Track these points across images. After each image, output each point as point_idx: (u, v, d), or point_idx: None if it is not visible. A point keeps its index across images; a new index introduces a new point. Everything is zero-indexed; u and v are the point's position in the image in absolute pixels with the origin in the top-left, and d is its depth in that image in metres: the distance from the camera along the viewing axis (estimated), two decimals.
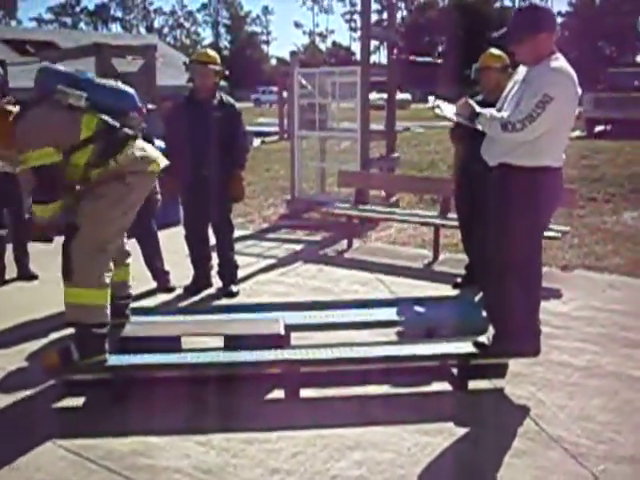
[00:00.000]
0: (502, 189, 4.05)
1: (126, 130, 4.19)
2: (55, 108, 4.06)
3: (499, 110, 4.17)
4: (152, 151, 4.36)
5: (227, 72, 6.31)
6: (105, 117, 4.13)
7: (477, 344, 4.35)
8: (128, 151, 4.15)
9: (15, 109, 4.18)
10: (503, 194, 4.04)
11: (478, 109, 4.11)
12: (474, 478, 3.40)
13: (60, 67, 4.40)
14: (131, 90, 4.40)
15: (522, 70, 4.18)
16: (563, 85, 3.88)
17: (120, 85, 4.41)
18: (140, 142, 4.30)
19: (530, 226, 4.05)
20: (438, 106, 4.36)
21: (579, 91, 3.99)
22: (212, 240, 6.45)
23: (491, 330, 4.43)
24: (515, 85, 4.16)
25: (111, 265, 4.28)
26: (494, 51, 6.15)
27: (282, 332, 4.58)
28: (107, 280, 4.20)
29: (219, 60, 6.13)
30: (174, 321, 4.96)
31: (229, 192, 6.13)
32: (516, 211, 3.97)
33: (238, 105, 6.30)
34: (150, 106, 4.71)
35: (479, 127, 4.10)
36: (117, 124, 4.15)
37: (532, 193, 3.96)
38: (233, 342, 4.51)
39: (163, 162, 4.37)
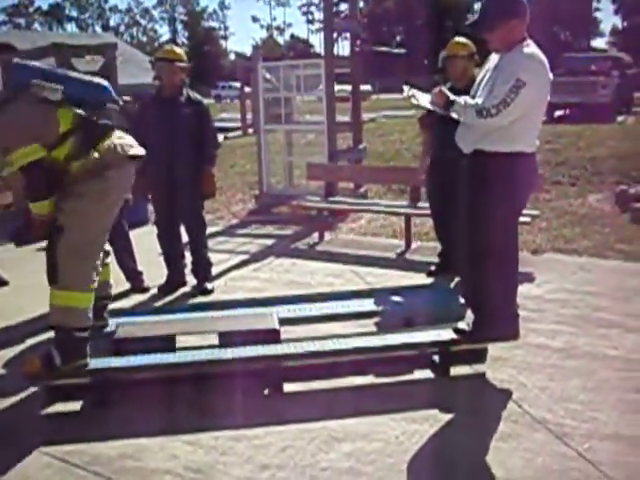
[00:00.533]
0: (477, 175, 4.09)
1: (105, 121, 4.14)
2: (31, 103, 3.98)
3: (473, 98, 4.19)
4: (130, 139, 4.30)
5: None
6: (80, 111, 4.07)
7: (457, 330, 4.39)
8: (108, 141, 4.11)
9: None
10: (478, 180, 4.07)
11: (452, 97, 4.13)
12: (463, 463, 3.43)
13: (34, 62, 4.33)
14: (106, 82, 4.34)
15: (494, 57, 4.20)
16: (535, 70, 3.91)
17: (95, 78, 4.35)
18: (118, 132, 4.25)
19: (506, 212, 4.09)
20: (413, 95, 4.34)
21: (551, 76, 4.02)
22: (184, 238, 6.42)
23: (469, 316, 4.47)
24: (487, 72, 4.19)
25: (99, 266, 4.23)
26: (460, 39, 6.19)
27: (277, 327, 4.58)
28: (94, 283, 4.16)
29: (185, 57, 6.09)
30: (167, 320, 4.93)
31: (200, 189, 6.10)
32: (491, 197, 4.01)
33: (205, 101, 6.27)
34: (125, 98, 4.64)
35: (454, 115, 4.12)
36: (94, 116, 4.10)
37: (507, 179, 3.99)
38: (228, 339, 4.49)
39: (142, 150, 4.31)
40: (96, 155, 4.05)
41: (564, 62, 21.08)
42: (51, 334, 4.90)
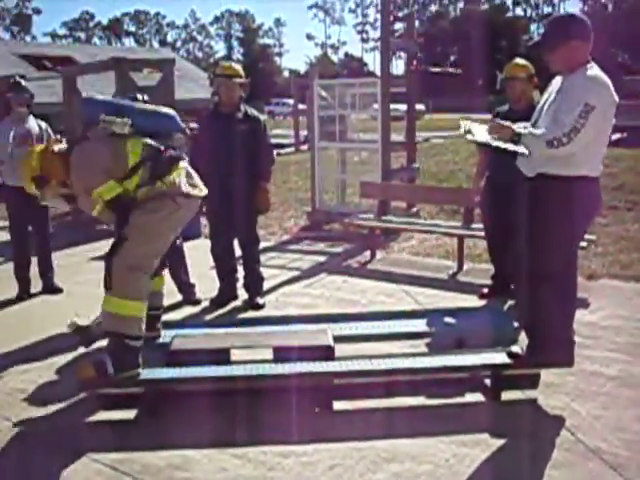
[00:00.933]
0: (539, 199, 4.01)
1: (171, 152, 4.23)
2: (101, 139, 4.13)
3: (535, 122, 4.13)
4: (196, 178, 4.38)
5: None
6: (149, 141, 4.18)
7: (511, 354, 4.33)
8: (175, 174, 4.18)
9: (63, 146, 4.28)
10: (540, 204, 4.01)
11: (517, 129, 4.03)
12: None
13: (101, 96, 4.45)
14: (172, 112, 4.44)
15: (557, 81, 4.15)
16: (602, 93, 3.85)
17: (161, 108, 4.45)
18: (185, 164, 4.33)
19: (567, 236, 4.02)
20: (469, 131, 4.23)
21: (616, 99, 3.94)
22: (237, 252, 6.46)
23: (523, 340, 4.41)
24: (550, 96, 4.12)
25: (150, 282, 4.30)
26: (519, 61, 6.15)
27: (331, 343, 4.58)
28: (145, 294, 4.21)
29: (243, 73, 6.16)
30: (221, 333, 4.95)
31: (255, 204, 6.15)
32: (554, 221, 3.94)
33: (262, 117, 6.33)
34: (193, 125, 4.71)
35: (521, 148, 4.00)
36: (162, 146, 4.19)
37: (570, 203, 3.92)
38: (283, 354, 4.50)
39: (204, 191, 4.39)
40: (161, 187, 4.13)
41: (623, 85, 20.79)
42: (103, 343, 5.01)
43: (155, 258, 4.26)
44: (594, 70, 3.93)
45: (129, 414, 4.23)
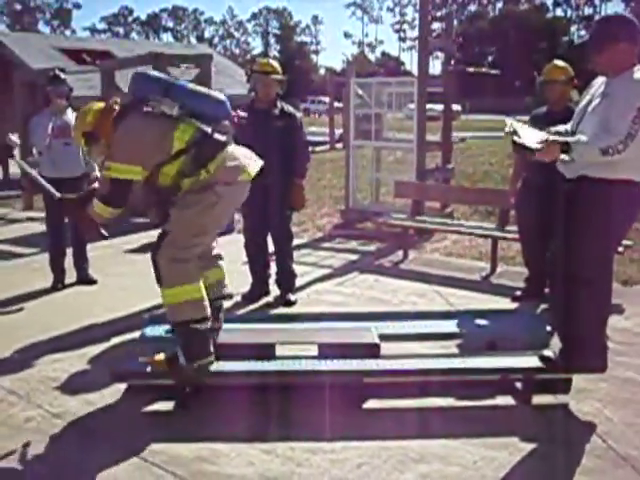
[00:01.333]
0: (580, 202, 3.95)
1: (218, 137, 4.16)
2: (149, 118, 4.12)
3: (577, 125, 4.05)
4: (244, 158, 4.29)
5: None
6: (200, 125, 4.14)
7: (543, 358, 4.29)
8: (220, 160, 4.13)
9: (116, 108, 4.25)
10: (580, 207, 3.95)
11: (568, 140, 3.89)
12: None
13: (154, 72, 4.45)
14: (224, 97, 4.38)
15: (598, 82, 4.08)
16: None
17: (213, 92, 4.41)
18: (232, 149, 4.25)
19: (607, 241, 3.97)
20: (515, 132, 4.05)
21: None
22: (271, 248, 6.48)
23: (555, 344, 4.37)
24: (594, 99, 4.02)
25: (199, 266, 4.27)
26: (558, 63, 6.08)
27: (377, 341, 4.57)
28: (197, 276, 4.19)
29: (280, 70, 6.17)
30: (267, 329, 4.97)
31: (289, 201, 6.16)
32: (593, 225, 3.89)
33: (299, 114, 6.33)
34: (242, 113, 4.67)
35: (572, 157, 3.86)
36: (210, 131, 4.14)
37: (611, 207, 3.84)
38: (328, 351, 4.50)
39: (254, 169, 4.31)
40: (205, 175, 4.09)
41: None
42: (135, 334, 5.07)
43: (196, 248, 4.19)
44: None
45: (160, 405, 4.27)
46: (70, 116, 6.92)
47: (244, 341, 4.64)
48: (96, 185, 5.12)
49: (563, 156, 3.85)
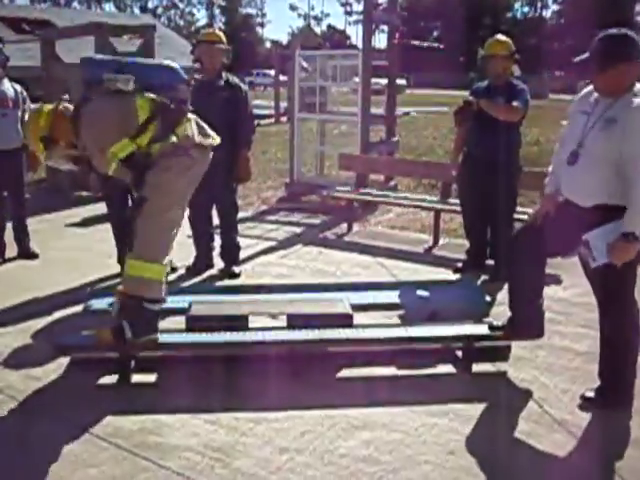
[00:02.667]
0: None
1: (179, 104, 4.14)
2: (107, 98, 4.07)
3: (578, 142, 3.78)
4: (206, 128, 4.33)
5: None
6: (156, 96, 4.10)
7: (492, 327, 4.41)
8: (186, 125, 4.14)
9: (70, 107, 4.18)
10: None
11: (630, 229, 3.53)
12: (480, 459, 3.43)
13: (100, 55, 4.37)
14: (175, 64, 4.35)
15: (588, 97, 3.88)
16: None
17: (163, 61, 4.38)
18: (194, 116, 4.27)
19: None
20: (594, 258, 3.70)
21: None
22: (215, 221, 6.47)
23: (495, 314, 4.47)
24: (593, 116, 3.75)
25: (172, 242, 4.25)
26: (500, 37, 6.12)
27: (350, 311, 4.63)
28: (167, 257, 4.19)
29: (225, 40, 6.11)
30: (239, 300, 4.96)
31: (235, 173, 6.14)
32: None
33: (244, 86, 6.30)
34: (196, 76, 4.58)
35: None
36: (169, 99, 4.11)
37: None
38: (299, 321, 4.54)
39: (217, 138, 4.36)
40: (174, 140, 4.08)
41: None
42: (77, 308, 5.02)
43: (174, 217, 4.19)
44: None
45: (103, 378, 4.25)
46: (7, 86, 6.76)
47: (217, 313, 4.64)
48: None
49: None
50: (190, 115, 4.25)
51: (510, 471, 3.35)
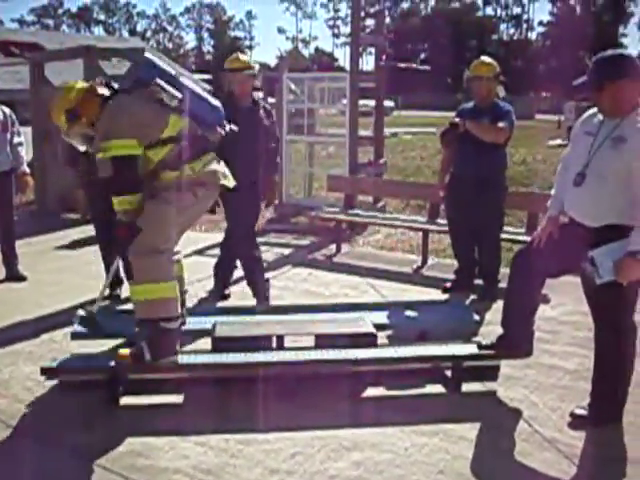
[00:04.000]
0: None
1: (206, 140, 4.19)
2: (145, 100, 4.08)
3: (584, 164, 3.78)
4: (225, 168, 4.37)
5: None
6: (191, 123, 4.13)
7: (481, 346, 4.42)
8: (205, 161, 4.16)
9: (105, 91, 4.18)
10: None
11: (638, 247, 3.54)
12: (470, 478, 3.43)
13: (163, 64, 4.34)
14: (219, 104, 4.38)
15: (592, 119, 3.92)
16: None
17: (213, 98, 4.40)
18: (215, 156, 4.31)
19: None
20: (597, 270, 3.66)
21: None
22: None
23: (483, 333, 4.48)
24: (600, 136, 3.76)
25: (172, 258, 4.24)
26: (485, 59, 6.18)
27: (373, 331, 4.64)
28: (172, 273, 4.17)
29: (250, 62, 5.98)
30: (263, 321, 4.95)
31: (265, 196, 6.14)
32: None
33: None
34: (233, 127, 4.53)
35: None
36: (200, 132, 4.15)
37: None
38: (325, 341, 4.57)
39: (232, 182, 4.38)
40: (190, 172, 4.10)
41: None
42: (65, 330, 5.00)
43: (170, 244, 4.19)
44: None
45: (90, 401, 4.21)
46: None
47: (244, 334, 4.64)
48: None
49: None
50: (211, 154, 4.27)
51: None
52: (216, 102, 4.39)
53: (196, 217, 4.36)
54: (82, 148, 4.44)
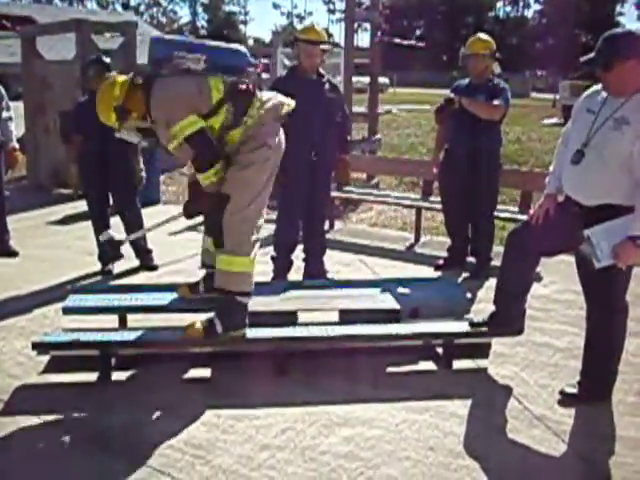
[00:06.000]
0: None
1: (247, 85, 4.12)
2: (178, 74, 4.03)
3: (585, 141, 3.74)
4: (277, 96, 4.32)
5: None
6: (228, 77, 4.08)
7: (473, 324, 4.42)
8: (257, 103, 4.12)
9: (140, 80, 4.11)
10: None
11: (639, 232, 3.51)
12: (460, 454, 3.46)
13: (172, 36, 4.27)
14: (243, 48, 4.30)
15: (595, 96, 3.87)
16: None
17: (232, 45, 4.32)
18: (260, 93, 4.24)
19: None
20: (595, 256, 3.64)
21: None
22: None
23: (475, 310, 4.48)
24: (602, 116, 3.71)
25: (258, 233, 4.27)
26: (481, 36, 6.16)
27: (398, 306, 4.69)
28: (255, 249, 4.22)
29: (326, 37, 5.78)
30: (288, 297, 4.96)
31: (337, 175, 6.06)
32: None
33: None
34: (264, 61, 4.41)
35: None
36: (239, 82, 4.09)
37: None
38: (349, 316, 4.63)
39: (292, 102, 4.33)
40: (251, 122, 4.09)
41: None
42: (57, 306, 4.99)
43: (258, 211, 4.19)
44: None
45: (82, 377, 4.23)
46: None
47: (269, 309, 4.69)
48: None
49: None
50: (258, 94, 4.21)
51: (490, 467, 3.36)
52: (237, 46, 4.30)
53: (276, 168, 4.30)
54: (135, 140, 4.41)
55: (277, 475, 3.27)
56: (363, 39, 54.85)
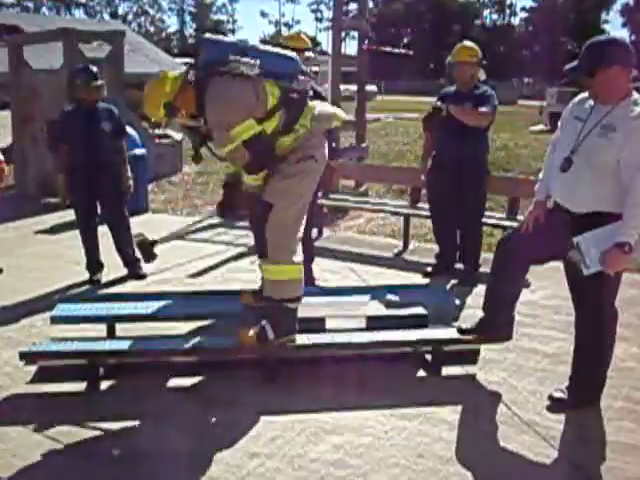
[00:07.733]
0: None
1: (300, 93, 4.10)
2: (232, 78, 3.94)
3: (572, 149, 3.75)
4: (328, 107, 4.34)
5: None
6: (283, 83, 4.05)
7: (462, 331, 4.43)
8: (308, 111, 4.12)
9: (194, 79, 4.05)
10: None
11: (626, 239, 3.50)
12: (450, 461, 3.46)
13: (225, 38, 4.23)
14: (294, 54, 4.28)
15: (583, 104, 3.87)
16: None
17: (283, 51, 4.29)
18: (312, 102, 4.23)
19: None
20: (583, 262, 3.66)
21: None
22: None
23: (464, 317, 4.49)
24: (589, 122, 3.72)
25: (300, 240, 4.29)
26: (467, 44, 6.17)
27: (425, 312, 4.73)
28: (299, 255, 4.23)
29: (310, 45, 5.88)
30: (316, 303, 4.94)
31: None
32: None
33: None
34: (315, 68, 4.41)
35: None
36: (294, 89, 4.08)
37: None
38: (376, 323, 4.66)
39: (343, 114, 4.38)
40: (302, 131, 4.10)
41: None
42: (44, 315, 4.97)
43: (300, 220, 4.22)
44: None
45: (70, 386, 4.21)
46: None
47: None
48: None
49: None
50: (310, 102, 4.21)
51: (479, 473, 3.36)
52: (289, 53, 4.28)
53: (317, 181, 4.33)
54: (179, 137, 4.41)
55: None
56: (351, 47, 55.07)
